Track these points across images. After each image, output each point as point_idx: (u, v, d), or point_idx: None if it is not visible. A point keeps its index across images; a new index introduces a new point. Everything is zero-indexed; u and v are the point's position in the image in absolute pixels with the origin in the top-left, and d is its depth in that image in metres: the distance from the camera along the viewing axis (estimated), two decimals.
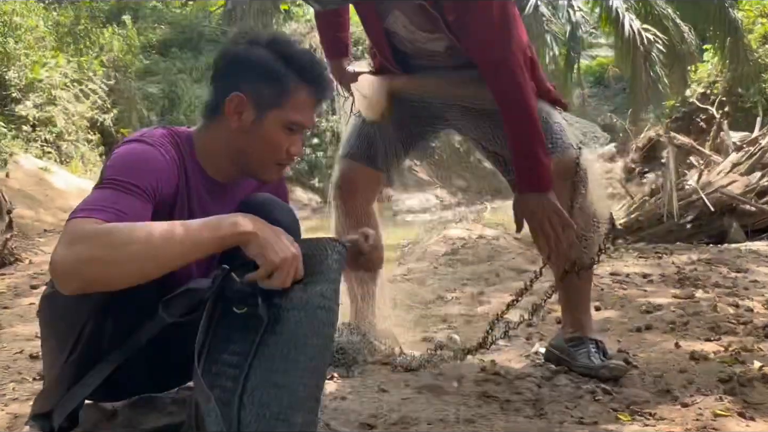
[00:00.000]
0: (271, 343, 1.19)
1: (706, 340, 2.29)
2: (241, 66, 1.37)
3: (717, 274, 3.63)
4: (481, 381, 1.83)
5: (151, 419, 1.56)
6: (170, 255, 1.15)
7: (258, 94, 1.35)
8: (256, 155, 1.39)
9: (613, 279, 3.54)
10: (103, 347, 1.31)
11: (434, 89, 1.93)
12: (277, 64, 1.35)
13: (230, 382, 1.19)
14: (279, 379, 1.17)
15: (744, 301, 2.92)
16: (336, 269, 1.28)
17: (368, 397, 1.71)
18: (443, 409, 1.60)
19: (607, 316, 2.73)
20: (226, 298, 1.25)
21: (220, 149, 1.40)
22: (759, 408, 1.59)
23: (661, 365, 1.94)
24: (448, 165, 14.08)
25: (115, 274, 1.13)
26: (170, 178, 1.33)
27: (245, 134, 1.37)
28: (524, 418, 1.56)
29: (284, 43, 1.40)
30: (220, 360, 1.23)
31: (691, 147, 8.51)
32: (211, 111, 1.40)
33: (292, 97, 1.36)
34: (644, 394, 1.69)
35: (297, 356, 1.19)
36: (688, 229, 5.88)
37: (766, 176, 5.97)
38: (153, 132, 1.38)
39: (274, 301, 1.21)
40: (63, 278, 1.12)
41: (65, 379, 1.31)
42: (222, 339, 1.24)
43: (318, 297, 1.23)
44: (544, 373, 1.88)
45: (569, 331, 1.96)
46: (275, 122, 1.36)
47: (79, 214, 1.17)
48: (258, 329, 1.20)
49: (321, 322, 1.22)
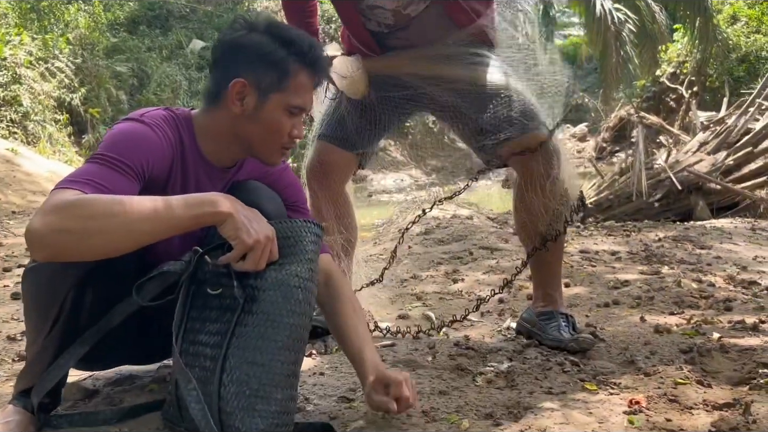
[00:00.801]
0: (248, 323, 1.22)
1: (670, 314, 2.38)
2: (241, 52, 1.37)
3: (682, 251, 3.74)
4: (455, 355, 1.88)
5: (132, 397, 1.58)
6: (142, 230, 1.16)
7: (259, 79, 1.36)
8: (259, 139, 1.41)
9: (583, 256, 3.63)
10: (83, 321, 1.33)
11: (411, 67, 1.96)
12: (277, 49, 1.37)
13: (209, 362, 1.22)
14: (257, 358, 1.20)
15: (707, 277, 3.03)
16: (312, 250, 1.30)
17: (346, 371, 1.75)
18: (418, 382, 1.65)
19: (577, 292, 2.81)
20: (199, 280, 1.28)
21: (221, 134, 1.42)
22: (716, 376, 1.67)
23: (627, 338, 2.02)
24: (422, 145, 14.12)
25: (84, 245, 1.14)
26: (163, 159, 1.34)
27: (248, 119, 1.38)
28: (496, 389, 1.62)
29: (282, 28, 1.42)
30: (198, 340, 1.26)
31: (660, 126, 8.67)
32: (212, 97, 1.41)
33: (292, 80, 1.37)
34: (610, 366, 1.76)
35: (274, 335, 1.22)
36: (656, 207, 6.03)
37: (731, 155, 6.13)
38: (153, 112, 1.39)
39: (249, 282, 1.23)
40: (34, 246, 1.14)
41: (45, 356, 1.33)
42: (199, 320, 1.27)
43: (294, 277, 1.25)
44: (515, 347, 1.95)
45: (540, 305, 2.02)
46: (277, 106, 1.38)
47: (62, 184, 1.19)
48: (234, 309, 1.23)
49: (297, 301, 1.25)
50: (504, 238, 4.26)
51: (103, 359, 1.55)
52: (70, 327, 1.32)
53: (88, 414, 1.43)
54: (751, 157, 6.13)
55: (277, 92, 1.37)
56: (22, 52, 9.19)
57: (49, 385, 1.32)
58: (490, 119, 1.92)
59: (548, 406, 1.48)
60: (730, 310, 2.41)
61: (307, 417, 1.46)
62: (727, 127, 6.56)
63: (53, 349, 1.33)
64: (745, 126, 6.49)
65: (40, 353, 1.34)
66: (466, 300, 2.76)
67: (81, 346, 1.33)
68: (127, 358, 1.65)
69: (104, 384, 1.68)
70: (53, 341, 1.32)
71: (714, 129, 6.82)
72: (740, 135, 6.39)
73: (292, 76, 1.37)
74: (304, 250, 1.28)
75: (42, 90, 9.30)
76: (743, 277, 3.05)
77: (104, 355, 1.48)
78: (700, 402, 1.48)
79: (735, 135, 6.40)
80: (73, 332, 1.33)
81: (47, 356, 1.33)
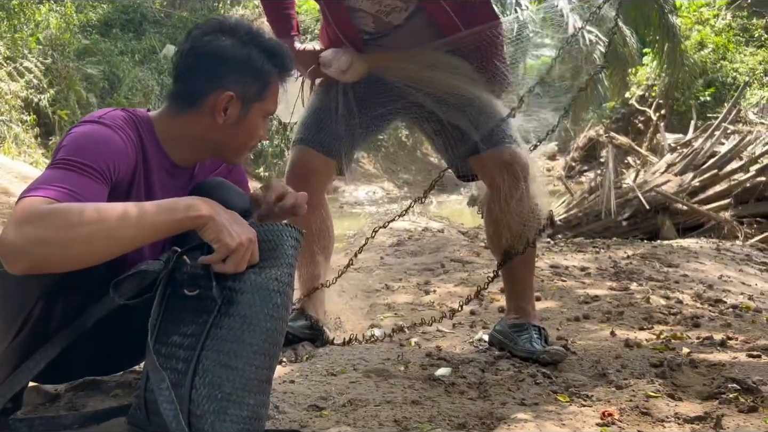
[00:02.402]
0: (224, 325, 1.19)
1: (639, 329, 2.40)
2: (227, 63, 1.37)
3: (650, 269, 3.80)
4: (427, 365, 1.87)
5: (96, 402, 1.53)
6: (125, 237, 1.14)
7: (245, 92, 1.38)
8: (234, 144, 1.43)
9: (553, 271, 3.65)
10: (50, 329, 1.29)
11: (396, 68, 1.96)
12: (263, 61, 1.39)
13: (181, 364, 1.19)
14: (231, 361, 1.18)
15: (675, 294, 3.07)
16: (292, 255, 1.29)
17: (316, 380, 1.72)
18: (390, 392, 1.64)
19: (547, 306, 2.82)
20: (176, 281, 1.25)
21: (191, 139, 1.41)
22: (687, 390, 1.69)
23: (598, 351, 2.03)
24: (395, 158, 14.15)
25: (65, 255, 1.11)
26: (127, 160, 1.32)
27: (228, 127, 1.39)
28: (468, 400, 1.61)
29: (261, 35, 1.43)
30: (171, 342, 1.22)
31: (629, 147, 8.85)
32: (186, 102, 1.39)
33: (271, 89, 1.42)
34: (582, 378, 1.77)
35: (250, 338, 1.19)
36: (624, 225, 6.13)
37: (697, 177, 6.27)
38: (111, 113, 1.36)
39: (228, 284, 1.21)
40: (11, 259, 1.10)
41: (9, 361, 1.29)
42: (173, 321, 1.24)
43: (273, 281, 1.24)
44: (488, 359, 1.94)
45: (513, 317, 2.02)
46: (257, 114, 1.42)
47: (31, 193, 1.14)
48: (210, 311, 1.20)
49: (275, 305, 1.23)
50: (476, 252, 4.27)
51: (62, 370, 1.49)
52: (38, 335, 1.28)
53: (50, 419, 1.38)
54: (717, 179, 6.29)
55: (258, 102, 1.40)
56: None
57: (15, 388, 1.28)
58: (465, 129, 1.93)
59: (521, 417, 1.47)
60: (698, 326, 2.44)
61: (277, 425, 1.43)
62: (693, 150, 6.72)
63: (18, 355, 1.28)
64: (711, 149, 6.66)
65: (3, 359, 1.30)
66: (437, 311, 2.75)
67: (52, 348, 1.29)
68: (86, 371, 1.60)
69: (66, 389, 1.63)
70: (18, 348, 1.28)
71: (681, 151, 6.99)
72: (706, 157, 6.56)
73: (270, 87, 1.42)
74: (284, 254, 1.26)
75: (9, 90, 9.08)
76: (710, 295, 3.10)
77: (64, 366, 1.43)
78: (671, 415, 1.49)
79: (701, 157, 6.57)
80: (39, 340, 1.29)
81: (11, 363, 1.29)
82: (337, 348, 2.06)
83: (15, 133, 8.88)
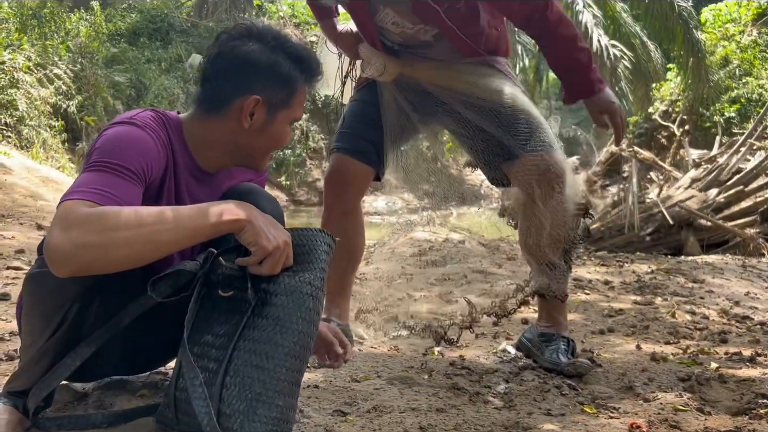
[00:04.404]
0: (257, 326, 1.21)
1: (665, 343, 2.37)
2: (255, 68, 1.36)
3: (675, 284, 3.75)
4: (451, 374, 1.86)
5: (123, 401, 1.55)
6: (165, 240, 1.16)
7: (271, 97, 1.37)
8: (259, 150, 1.43)
9: (577, 284, 3.63)
10: (85, 329, 1.31)
11: (434, 76, 1.97)
12: (290, 67, 1.38)
13: (213, 363, 1.20)
14: (263, 362, 1.18)
15: (700, 309, 3.03)
16: (324, 260, 1.29)
17: (340, 386, 1.72)
18: (415, 399, 1.63)
19: (571, 319, 2.79)
20: (211, 282, 1.27)
21: (217, 143, 1.41)
22: (716, 405, 1.66)
23: (624, 364, 2.01)
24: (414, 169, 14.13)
25: (109, 258, 1.13)
26: (159, 160, 1.33)
27: (253, 132, 1.38)
28: (494, 409, 1.60)
29: (293, 44, 1.42)
30: (203, 341, 1.24)
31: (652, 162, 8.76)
32: (213, 106, 1.39)
33: (298, 95, 1.41)
34: (608, 390, 1.75)
35: (282, 340, 1.20)
36: (648, 241, 6.06)
37: (722, 193, 6.19)
38: (142, 114, 1.37)
39: (262, 286, 1.22)
40: (59, 262, 1.12)
41: (44, 359, 1.30)
42: (206, 320, 1.26)
43: (306, 285, 1.24)
44: (512, 369, 1.93)
45: (543, 324, 2.01)
46: (284, 121, 1.41)
47: (71, 196, 1.16)
48: (244, 312, 1.21)
49: (308, 308, 1.24)
50: (497, 263, 4.25)
51: (90, 369, 1.50)
52: (73, 334, 1.30)
53: (78, 417, 1.39)
54: (742, 195, 6.20)
55: (285, 108, 1.39)
56: (21, 57, 9.17)
57: (52, 386, 1.30)
58: (499, 136, 1.93)
59: (548, 427, 1.46)
60: (726, 342, 2.41)
61: (302, 429, 1.43)
62: (718, 165, 6.64)
63: (52, 354, 1.30)
64: (736, 165, 6.57)
65: (37, 357, 1.31)
66: (460, 321, 2.74)
67: (87, 347, 1.30)
68: (114, 370, 1.61)
69: (94, 387, 1.64)
70: (53, 347, 1.30)
71: (706, 167, 6.90)
72: (731, 174, 6.47)
73: (297, 93, 1.40)
74: (318, 259, 1.27)
75: (39, 95, 9.24)
76: (737, 311, 3.06)
77: (92, 365, 1.44)
78: (701, 429, 1.47)
79: (726, 173, 6.48)
80: (74, 339, 1.30)
81: (46, 361, 1.30)
82: (360, 355, 2.06)
83: (43, 138, 9.04)
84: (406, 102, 2.01)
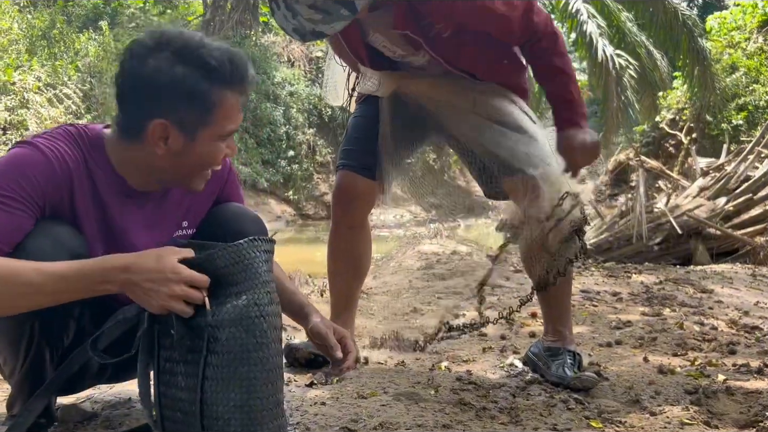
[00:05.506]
0: (216, 364, 1.17)
1: (673, 355, 2.36)
2: (155, 88, 1.23)
3: (683, 294, 3.73)
4: (458, 390, 1.86)
5: (132, 420, 1.56)
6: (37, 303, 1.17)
7: (183, 118, 1.24)
8: (187, 172, 1.33)
9: (584, 296, 3.62)
10: (61, 334, 1.32)
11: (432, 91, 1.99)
12: (197, 81, 1.23)
13: (188, 405, 1.19)
14: (235, 398, 1.17)
15: (709, 320, 3.01)
16: (265, 270, 1.22)
17: (347, 402, 1.73)
18: (421, 415, 1.63)
19: (579, 331, 2.79)
20: (161, 319, 1.23)
21: (140, 167, 1.33)
22: (723, 418, 1.66)
23: (631, 377, 2.00)
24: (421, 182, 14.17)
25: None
26: (57, 181, 1.26)
27: (176, 156, 1.28)
28: (500, 425, 1.60)
29: (201, 47, 1.25)
30: (174, 383, 1.23)
31: (660, 171, 8.74)
32: (126, 132, 1.30)
33: (219, 109, 1.26)
34: (615, 404, 1.75)
35: (247, 373, 1.17)
36: (656, 250, 6.03)
37: (731, 202, 6.16)
38: (55, 130, 1.32)
39: (207, 321, 1.18)
40: None
41: (25, 386, 1.34)
42: (170, 360, 1.24)
43: (252, 307, 1.19)
44: (519, 383, 1.93)
45: (549, 339, 2.02)
46: (209, 139, 1.28)
47: None
48: (200, 351, 1.18)
49: (262, 331, 1.19)
50: (505, 276, 4.25)
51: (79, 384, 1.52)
52: (39, 365, 1.31)
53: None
54: (751, 204, 6.16)
55: (205, 125, 1.26)
56: (31, 78, 9.30)
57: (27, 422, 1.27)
58: (496, 152, 1.94)
59: None
60: (734, 353, 2.39)
61: None
62: (726, 174, 6.61)
63: (30, 382, 1.32)
64: (744, 173, 6.54)
65: (20, 383, 1.35)
66: (468, 334, 2.74)
67: (44, 396, 1.30)
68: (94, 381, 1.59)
69: (103, 407, 1.66)
70: (28, 376, 1.32)
71: (714, 175, 6.87)
72: (740, 182, 6.44)
73: (218, 106, 1.26)
74: (257, 273, 1.20)
75: (48, 115, 9.37)
76: (746, 321, 3.04)
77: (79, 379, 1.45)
78: None
79: (735, 182, 6.45)
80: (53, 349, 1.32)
81: (27, 386, 1.33)
82: (367, 371, 2.06)
83: None
84: (404, 116, 2.03)
